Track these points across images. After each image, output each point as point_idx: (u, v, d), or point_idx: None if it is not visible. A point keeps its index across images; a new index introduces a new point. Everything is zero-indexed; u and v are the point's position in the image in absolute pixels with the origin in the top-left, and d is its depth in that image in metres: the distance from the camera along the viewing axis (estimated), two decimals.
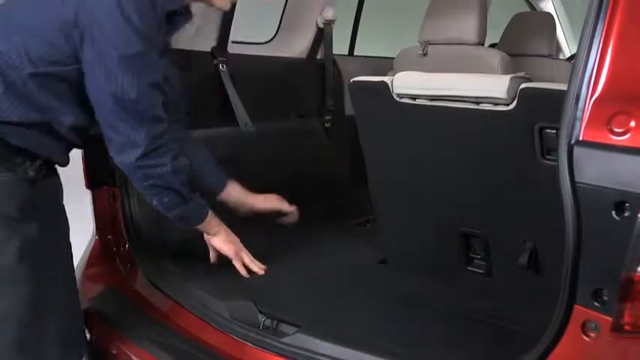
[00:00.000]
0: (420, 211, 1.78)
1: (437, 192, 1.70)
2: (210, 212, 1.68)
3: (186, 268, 1.83)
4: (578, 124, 1.09)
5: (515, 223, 1.58)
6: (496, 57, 2.47)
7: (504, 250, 1.64)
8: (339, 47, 3.02)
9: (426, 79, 1.67)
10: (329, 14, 2.67)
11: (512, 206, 1.57)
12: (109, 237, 1.93)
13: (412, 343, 1.42)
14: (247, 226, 1.82)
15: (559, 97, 1.13)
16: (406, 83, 1.69)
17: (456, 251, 1.73)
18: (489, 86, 1.52)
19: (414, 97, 1.67)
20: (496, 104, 1.50)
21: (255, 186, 1.90)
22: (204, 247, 1.79)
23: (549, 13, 3.76)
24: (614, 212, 1.03)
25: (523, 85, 1.46)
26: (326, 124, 2.75)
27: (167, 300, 1.71)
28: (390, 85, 1.72)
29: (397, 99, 1.70)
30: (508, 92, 1.47)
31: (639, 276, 1.02)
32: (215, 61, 2.28)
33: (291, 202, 2.13)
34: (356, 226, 2.21)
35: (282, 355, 1.44)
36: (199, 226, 1.69)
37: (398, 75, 1.72)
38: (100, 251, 1.97)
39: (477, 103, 1.54)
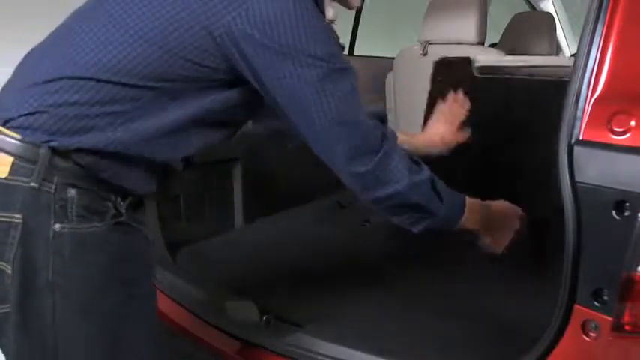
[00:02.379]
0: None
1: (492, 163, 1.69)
2: (466, 209, 1.33)
3: (186, 267, 1.83)
4: (578, 123, 1.09)
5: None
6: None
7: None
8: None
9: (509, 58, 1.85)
10: (329, 14, 2.67)
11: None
12: None
13: (412, 343, 1.42)
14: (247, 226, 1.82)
15: None
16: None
17: None
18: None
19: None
20: None
21: (254, 186, 1.90)
22: (204, 245, 1.79)
23: (549, 13, 3.76)
24: (614, 212, 1.03)
25: None
26: None
27: (166, 299, 1.71)
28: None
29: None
30: None
31: (639, 275, 1.02)
32: None
33: (290, 201, 2.13)
34: (356, 226, 2.21)
35: (282, 355, 1.44)
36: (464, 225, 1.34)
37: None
38: None
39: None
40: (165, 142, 1.17)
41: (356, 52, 3.28)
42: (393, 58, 2.75)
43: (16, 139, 1.10)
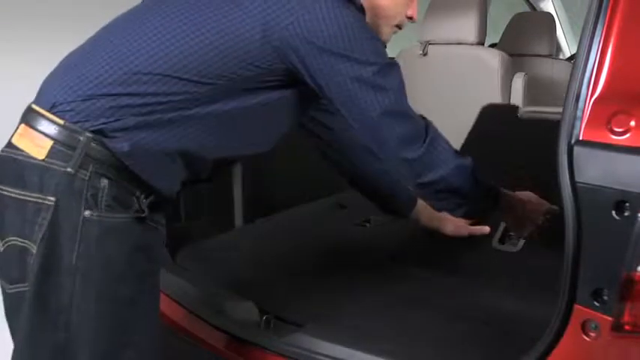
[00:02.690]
0: None
1: None
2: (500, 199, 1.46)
3: (186, 267, 1.83)
4: (578, 123, 1.09)
5: None
6: (496, 57, 2.48)
7: None
8: None
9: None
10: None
11: None
12: None
13: (412, 343, 1.42)
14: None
15: None
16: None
17: None
18: None
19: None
20: None
21: (254, 186, 1.90)
22: (204, 245, 1.79)
23: (549, 13, 3.76)
24: (614, 212, 1.03)
25: None
26: None
27: (166, 299, 1.71)
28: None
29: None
30: None
31: (639, 275, 1.02)
32: None
33: (290, 201, 2.13)
34: (356, 226, 2.21)
35: (282, 355, 1.44)
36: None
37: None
38: None
39: None
40: (210, 138, 1.23)
41: None
42: (393, 59, 2.75)
43: (58, 124, 1.15)
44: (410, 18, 1.42)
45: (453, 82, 2.59)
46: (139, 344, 1.23)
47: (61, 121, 1.15)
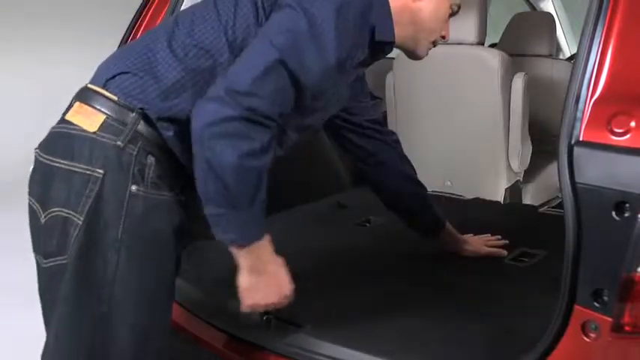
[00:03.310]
0: None
1: None
2: (265, 242, 1.27)
3: (186, 267, 1.83)
4: (578, 124, 1.09)
5: None
6: (496, 57, 2.48)
7: None
8: None
9: None
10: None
11: None
12: None
13: (412, 343, 1.42)
14: None
15: None
16: None
17: None
18: None
19: None
20: None
21: None
22: (204, 245, 1.78)
23: (549, 13, 3.76)
24: (614, 212, 1.03)
25: None
26: None
27: None
28: None
29: None
30: None
31: (639, 276, 1.02)
32: None
33: (289, 201, 2.12)
34: (356, 226, 2.21)
35: (283, 355, 1.44)
36: (237, 251, 1.27)
37: None
38: None
39: None
40: None
41: None
42: (393, 59, 2.75)
43: (112, 99, 1.20)
44: (442, 37, 1.46)
45: (453, 82, 2.59)
46: (168, 320, 1.29)
47: (115, 97, 1.19)
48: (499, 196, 2.60)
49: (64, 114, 1.25)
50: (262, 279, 1.30)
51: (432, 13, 1.36)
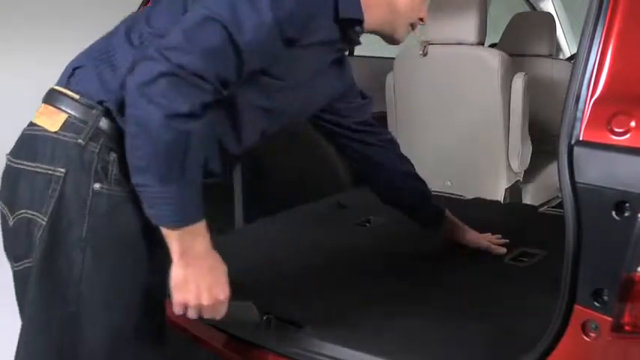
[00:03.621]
0: None
1: None
2: (200, 229, 1.15)
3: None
4: (578, 124, 1.09)
5: None
6: (496, 57, 2.48)
7: None
8: None
9: None
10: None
11: None
12: None
13: (412, 343, 1.42)
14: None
15: None
16: None
17: None
18: None
19: None
20: None
21: (255, 186, 1.90)
22: None
23: (549, 13, 3.77)
24: (614, 212, 1.03)
25: None
26: None
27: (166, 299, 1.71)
28: None
29: None
30: None
31: (639, 276, 1.02)
32: None
33: (290, 201, 2.13)
34: (356, 226, 2.21)
35: (282, 355, 1.44)
36: (168, 233, 1.13)
37: None
38: None
39: None
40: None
41: (356, 52, 3.27)
42: (393, 58, 2.75)
43: (73, 98, 1.18)
44: (421, 19, 1.41)
45: (453, 82, 2.59)
46: (151, 321, 1.26)
47: (76, 96, 1.18)
48: (499, 196, 2.60)
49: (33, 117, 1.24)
50: (193, 272, 1.17)
51: None
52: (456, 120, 2.63)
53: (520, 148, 2.57)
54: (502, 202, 2.58)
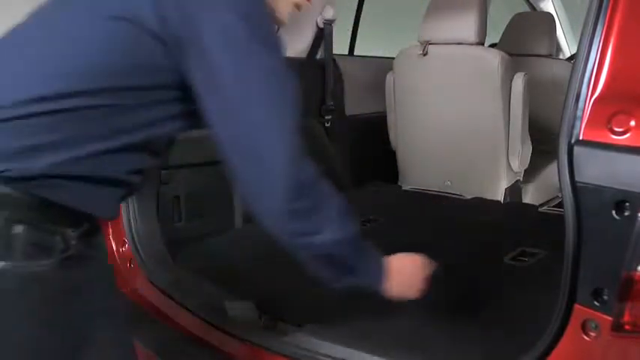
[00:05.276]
0: None
1: None
2: (388, 266, 1.25)
3: (186, 267, 1.83)
4: (578, 123, 1.09)
5: None
6: (496, 57, 2.48)
7: None
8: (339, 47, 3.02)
9: None
10: (329, 14, 2.68)
11: None
12: (109, 236, 1.93)
13: (412, 343, 1.42)
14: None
15: None
16: None
17: None
18: None
19: None
20: None
21: None
22: (204, 245, 1.78)
23: (549, 13, 3.77)
24: (614, 212, 1.03)
25: None
26: (326, 124, 2.75)
27: (167, 299, 1.72)
28: None
29: None
30: None
31: (639, 275, 1.02)
32: None
33: None
34: None
35: (282, 355, 1.44)
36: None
37: None
38: None
39: None
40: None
41: (356, 52, 3.28)
42: (393, 58, 2.75)
43: None
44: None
45: (453, 82, 2.59)
46: None
47: None
48: (499, 195, 2.60)
49: None
50: (405, 283, 1.30)
51: None
52: (455, 120, 2.63)
53: (520, 147, 2.57)
54: (502, 201, 2.58)
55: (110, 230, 1.93)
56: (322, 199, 1.13)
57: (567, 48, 4.25)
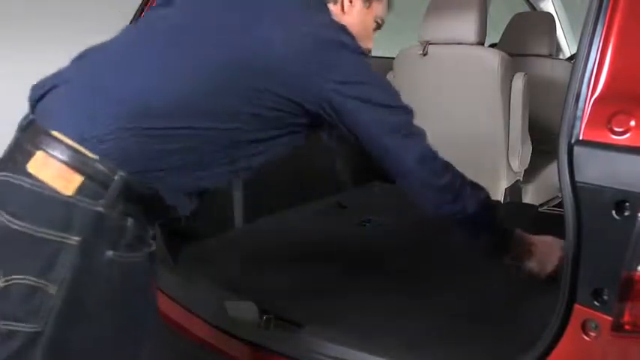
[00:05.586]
0: None
1: None
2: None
3: (186, 266, 1.83)
4: (578, 123, 1.09)
5: None
6: (496, 57, 2.48)
7: None
8: None
9: None
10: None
11: None
12: None
13: (412, 343, 1.42)
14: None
15: None
16: None
17: None
18: None
19: None
20: None
21: (254, 186, 1.90)
22: (204, 245, 1.78)
23: (549, 13, 3.76)
24: (614, 211, 1.03)
25: None
26: None
27: (167, 299, 1.72)
28: None
29: None
30: None
31: (639, 275, 1.02)
32: None
33: (290, 201, 2.12)
34: (356, 226, 2.21)
35: (282, 355, 1.44)
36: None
37: None
38: None
39: None
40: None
41: None
42: (393, 58, 2.75)
43: (91, 158, 1.08)
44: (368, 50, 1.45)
45: (453, 82, 2.59)
46: None
47: (95, 156, 1.08)
48: (499, 195, 2.60)
49: (19, 159, 1.10)
50: (544, 259, 1.41)
51: (359, 27, 1.36)
52: (455, 120, 2.63)
53: (520, 147, 2.57)
54: (502, 201, 2.58)
55: None
56: (454, 179, 1.34)
57: (567, 48, 4.25)
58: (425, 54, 2.58)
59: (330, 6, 1.33)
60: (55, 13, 2.97)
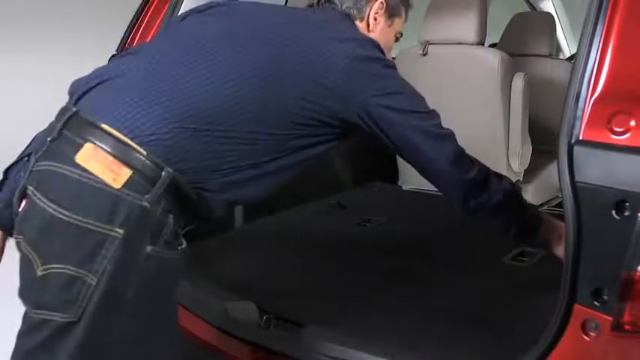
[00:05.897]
0: None
1: None
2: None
3: (186, 267, 1.83)
4: (578, 123, 1.09)
5: None
6: (496, 57, 2.48)
7: None
8: None
9: None
10: None
11: None
12: None
13: (412, 343, 1.42)
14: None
15: None
16: None
17: None
18: None
19: None
20: None
21: None
22: (205, 245, 1.78)
23: (549, 13, 3.76)
24: (614, 212, 1.03)
25: None
26: None
27: None
28: None
29: None
30: None
31: (639, 275, 1.02)
32: None
33: (290, 201, 2.12)
34: (356, 226, 2.21)
35: (282, 355, 1.44)
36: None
37: None
38: None
39: None
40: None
41: None
42: (393, 58, 2.75)
43: (141, 153, 1.11)
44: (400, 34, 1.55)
45: (453, 82, 2.59)
46: None
47: (144, 152, 1.10)
48: None
49: (66, 150, 1.12)
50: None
51: (382, 42, 1.42)
52: (455, 120, 2.60)
53: (520, 147, 2.57)
54: None
55: None
56: (481, 171, 1.36)
57: (567, 48, 4.25)
58: (425, 54, 2.58)
59: (357, 22, 1.41)
60: (55, 13, 2.97)
